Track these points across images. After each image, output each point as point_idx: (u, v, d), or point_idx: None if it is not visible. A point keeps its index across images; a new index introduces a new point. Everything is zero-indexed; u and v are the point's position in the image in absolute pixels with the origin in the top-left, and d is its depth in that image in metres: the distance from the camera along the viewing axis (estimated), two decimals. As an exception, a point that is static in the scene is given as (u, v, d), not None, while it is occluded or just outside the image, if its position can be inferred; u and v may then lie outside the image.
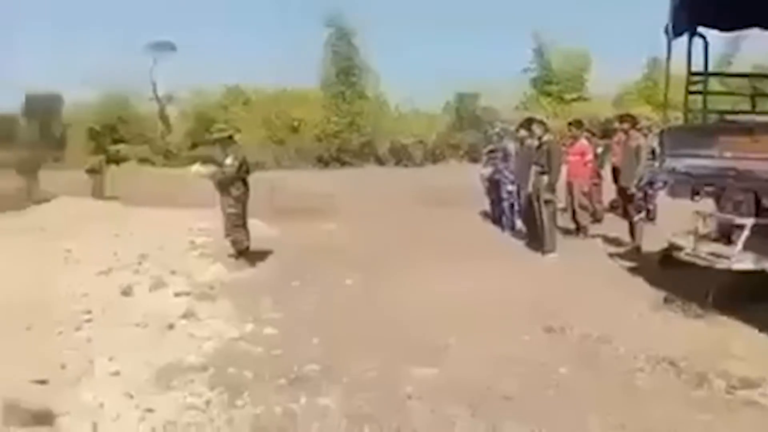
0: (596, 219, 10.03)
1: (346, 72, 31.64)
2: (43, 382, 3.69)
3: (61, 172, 20.37)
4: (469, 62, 54.23)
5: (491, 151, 10.28)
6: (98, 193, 15.66)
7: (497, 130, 10.52)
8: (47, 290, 5.56)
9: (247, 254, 7.60)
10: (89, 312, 5.01)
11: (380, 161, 30.17)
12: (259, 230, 9.05)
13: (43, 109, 38.03)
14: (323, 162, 29.86)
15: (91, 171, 16.45)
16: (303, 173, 24.57)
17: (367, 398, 3.64)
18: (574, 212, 9.21)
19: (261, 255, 7.91)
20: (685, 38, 6.27)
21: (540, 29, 34.27)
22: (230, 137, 7.92)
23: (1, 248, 8.14)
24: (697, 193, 5.84)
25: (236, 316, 5.40)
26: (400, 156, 30.23)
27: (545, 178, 7.93)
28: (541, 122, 8.75)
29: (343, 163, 29.66)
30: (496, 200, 10.22)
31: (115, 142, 32.87)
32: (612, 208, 10.59)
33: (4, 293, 5.53)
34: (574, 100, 32.81)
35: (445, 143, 31.51)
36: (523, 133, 9.07)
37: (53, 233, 8.99)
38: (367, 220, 11.48)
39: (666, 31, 6.11)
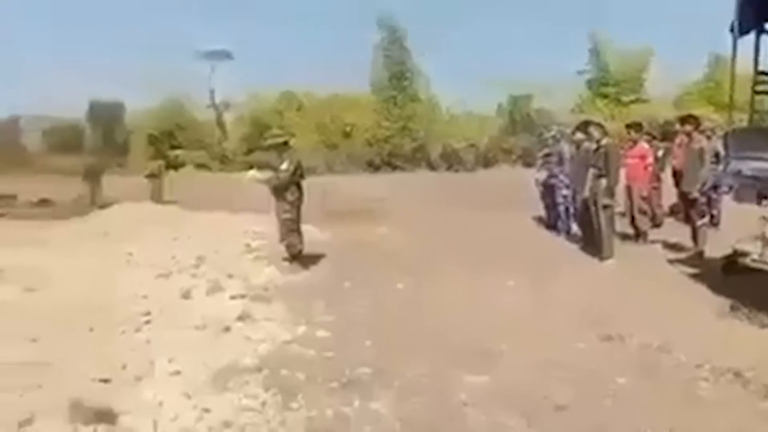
0: (656, 224, 9.73)
1: (397, 76, 31.72)
2: (105, 381, 3.82)
3: (124, 177, 21.17)
4: (522, 63, 53.65)
5: (546, 155, 10.11)
6: (157, 197, 16.11)
7: (552, 133, 10.32)
8: (109, 292, 5.77)
9: (300, 258, 7.70)
10: (149, 314, 5.17)
11: (432, 166, 30.04)
12: (312, 234, 9.17)
13: (106, 117, 39.63)
14: (374, 166, 29.97)
15: (151, 176, 16.95)
16: (354, 178, 24.74)
17: (420, 403, 3.63)
18: (633, 217, 8.96)
19: (314, 258, 7.99)
20: (750, 36, 6.02)
21: (596, 28, 33.54)
22: (285, 143, 8.04)
23: (67, 252, 8.51)
24: (764, 197, 5.60)
25: (290, 319, 5.47)
26: (452, 160, 30.04)
27: (603, 181, 7.74)
28: (599, 125, 8.55)
29: (395, 168, 29.67)
30: (551, 205, 10.03)
31: (174, 147, 33.86)
32: (672, 212, 10.26)
33: (70, 295, 5.77)
34: (632, 101, 31.94)
35: (497, 147, 31.18)
36: (579, 136, 8.89)
37: (115, 237, 9.34)
38: (419, 224, 11.46)
39: (731, 29, 5.88)
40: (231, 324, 5.16)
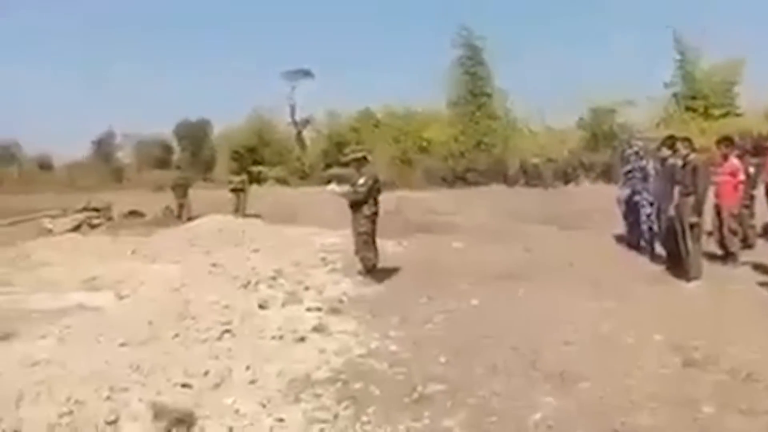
0: (747, 245, 9.14)
1: (474, 91, 31.56)
2: (187, 386, 3.98)
3: (209, 191, 22.12)
4: (604, 76, 52.13)
5: (629, 171, 9.72)
6: (240, 211, 16.69)
7: (636, 148, 9.94)
8: (194, 301, 6.01)
9: (375, 271, 7.77)
10: (230, 323, 5.35)
11: (508, 181, 29.54)
12: (387, 248, 9.24)
13: (194, 134, 41.65)
14: (450, 182, 29.80)
15: (235, 190, 17.61)
16: (430, 193, 24.71)
17: (494, 423, 3.57)
18: (722, 237, 8.47)
19: (388, 272, 8.04)
20: None
21: (684, 37, 32.03)
22: (364, 158, 8.17)
23: (155, 262, 8.96)
24: None
25: (363, 332, 5.52)
26: (529, 176, 29.41)
27: (690, 199, 7.38)
28: (687, 140, 8.17)
29: (470, 183, 29.36)
30: (633, 223, 9.63)
31: (256, 163, 34.97)
32: (766, 232, 9.64)
33: (157, 303, 6.06)
34: (722, 115, 30.19)
35: (577, 162, 30.28)
36: (665, 151, 8.52)
37: (201, 248, 9.74)
38: (494, 239, 11.30)
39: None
40: (306, 335, 5.27)
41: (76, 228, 15.28)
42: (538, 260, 9.06)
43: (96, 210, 17.18)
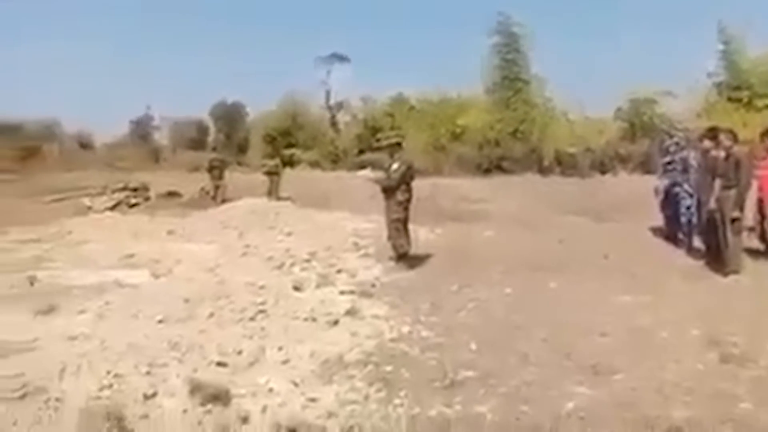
0: (790, 240, 8.88)
1: (511, 78, 31.11)
2: (222, 364, 4.06)
3: (243, 174, 22.38)
4: (644, 65, 50.88)
5: (669, 163, 9.51)
6: (274, 194, 16.85)
7: (676, 139, 9.70)
8: (228, 281, 6.12)
9: (407, 258, 7.78)
10: (264, 303, 5.42)
11: (543, 170, 29.13)
12: (419, 235, 9.23)
13: (229, 116, 42.10)
14: (483, 170, 29.53)
15: (268, 173, 17.77)
16: (463, 180, 24.55)
17: (526, 411, 3.55)
18: (763, 231, 8.24)
19: (420, 259, 8.04)
20: None
21: (728, 26, 31.00)
22: (398, 143, 8.16)
23: (191, 242, 9.12)
24: None
25: (395, 317, 5.53)
26: (565, 165, 28.96)
27: (732, 193, 7.20)
28: (730, 131, 7.95)
29: (505, 171, 29.04)
30: (672, 215, 9.43)
31: (289, 146, 35.18)
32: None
33: (192, 282, 6.19)
34: (767, 107, 29.28)
35: (615, 152, 29.71)
36: (706, 143, 8.31)
37: (235, 230, 9.88)
38: (528, 229, 11.20)
39: None
40: (339, 318, 5.31)
41: (115, 207, 15.65)
42: (572, 251, 8.95)
43: (134, 190, 17.56)
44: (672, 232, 9.45)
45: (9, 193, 19.57)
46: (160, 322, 4.80)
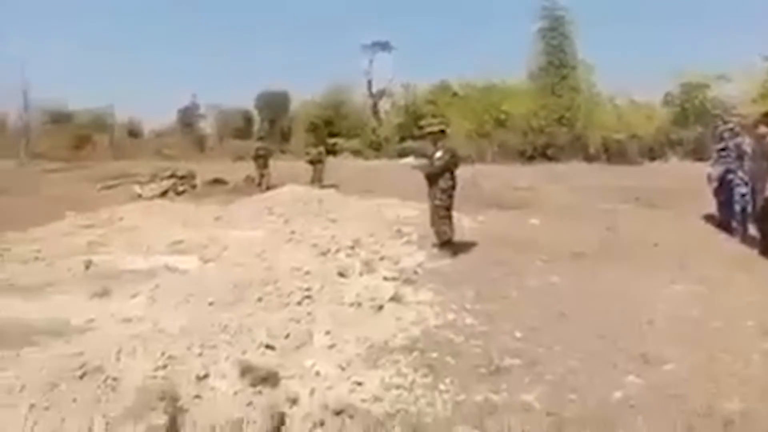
0: None
1: (556, 64, 30.51)
2: (270, 347, 4.13)
3: (287, 162, 22.63)
4: (695, 48, 49.12)
5: (722, 149, 9.20)
6: (317, 181, 17.00)
7: (730, 125, 9.37)
8: (275, 266, 6.21)
9: (450, 245, 7.75)
10: (310, 288, 5.49)
11: (589, 158, 28.54)
12: (462, 222, 9.19)
13: (273, 105, 42.60)
14: (528, 157, 29.14)
15: (312, 162, 17.94)
16: (507, 168, 24.30)
17: (573, 400, 3.52)
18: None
19: (463, 246, 8.00)
20: None
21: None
22: (442, 131, 8.10)
23: (237, 228, 9.29)
24: None
25: (439, 304, 5.53)
26: (612, 152, 28.33)
27: (789, 180, 6.93)
28: (788, 116, 7.64)
29: (549, 159, 28.58)
30: (725, 203, 9.14)
31: (332, 135, 35.41)
32: None
33: (240, 267, 6.30)
34: (829, 90, 27.98)
35: (665, 138, 28.91)
36: (762, 129, 8.00)
37: (280, 216, 10.01)
38: (573, 217, 11.01)
39: None
40: (383, 304, 5.34)
41: (163, 194, 16.05)
42: (620, 239, 8.77)
43: (181, 177, 17.97)
44: (725, 219, 9.17)
45: (64, 181, 20.33)
46: (209, 305, 4.92)
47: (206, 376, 3.55)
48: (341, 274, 6.21)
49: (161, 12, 66.48)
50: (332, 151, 29.57)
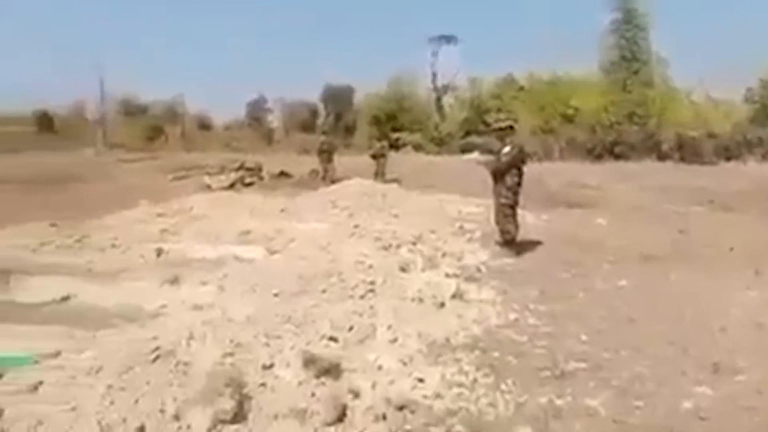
0: None
1: (629, 58, 29.43)
2: (334, 339, 4.19)
3: (350, 156, 22.85)
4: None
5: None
6: (380, 176, 17.07)
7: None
8: (338, 259, 6.28)
9: (514, 243, 7.64)
10: (373, 282, 5.53)
11: (662, 156, 27.39)
12: (526, 220, 9.04)
13: (338, 99, 43.08)
14: (596, 154, 28.26)
15: (375, 156, 18.02)
16: (574, 165, 23.70)
17: (639, 407, 3.42)
18: None
19: (528, 245, 7.88)
20: None
21: None
22: (510, 127, 7.99)
23: (302, 220, 9.45)
24: None
25: (501, 303, 5.47)
26: (687, 151, 27.10)
27: None
28: None
29: (618, 157, 27.60)
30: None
31: (395, 129, 35.43)
32: None
33: (305, 258, 6.41)
34: None
35: (742, 138, 27.47)
36: None
37: (344, 210, 10.12)
38: (642, 218, 10.65)
39: None
40: (445, 301, 5.32)
41: (232, 185, 16.50)
42: (692, 242, 8.42)
43: (249, 169, 18.44)
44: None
45: (137, 171, 21.24)
46: (275, 296, 5.03)
47: (272, 365, 3.64)
48: (403, 269, 6.23)
49: (232, 7, 68.14)
50: (395, 146, 29.59)
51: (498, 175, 7.53)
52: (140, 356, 3.53)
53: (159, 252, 7.35)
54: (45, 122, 41.31)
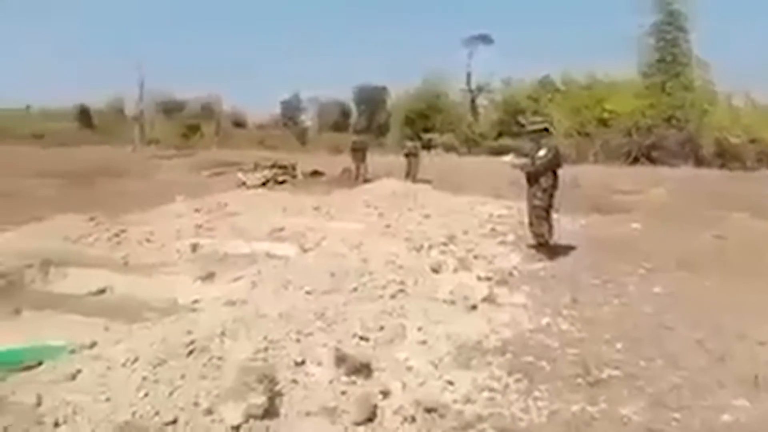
0: None
1: (668, 60, 28.77)
2: (365, 338, 4.21)
3: (382, 156, 22.88)
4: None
5: None
6: (412, 176, 17.06)
7: None
8: (370, 258, 6.30)
9: (547, 247, 7.56)
10: (403, 283, 5.54)
11: (700, 162, 26.71)
12: (561, 224, 8.93)
13: (371, 99, 43.23)
14: (632, 158, 27.72)
15: (407, 155, 18.00)
16: (609, 169, 23.30)
17: (675, 418, 3.35)
18: None
19: (561, 249, 7.78)
20: None
21: None
22: (546, 129, 7.90)
23: (334, 219, 9.51)
24: None
25: (533, 308, 5.42)
26: (727, 157, 26.40)
27: None
28: None
29: (655, 161, 27.00)
30: None
31: (427, 130, 35.31)
32: None
33: (337, 257, 6.45)
34: None
35: (782, 143, 26.64)
36: None
37: (376, 209, 10.15)
38: (679, 223, 10.40)
39: None
40: (476, 303, 5.29)
41: (265, 183, 16.68)
42: (731, 250, 8.19)
43: (282, 168, 18.60)
44: None
45: (174, 167, 21.61)
46: (307, 293, 5.06)
47: (303, 362, 3.67)
48: (434, 270, 6.22)
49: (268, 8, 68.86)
50: (427, 146, 29.50)
51: (533, 178, 7.45)
52: (175, 350, 3.59)
53: (194, 247, 7.47)
54: (85, 118, 42.39)
